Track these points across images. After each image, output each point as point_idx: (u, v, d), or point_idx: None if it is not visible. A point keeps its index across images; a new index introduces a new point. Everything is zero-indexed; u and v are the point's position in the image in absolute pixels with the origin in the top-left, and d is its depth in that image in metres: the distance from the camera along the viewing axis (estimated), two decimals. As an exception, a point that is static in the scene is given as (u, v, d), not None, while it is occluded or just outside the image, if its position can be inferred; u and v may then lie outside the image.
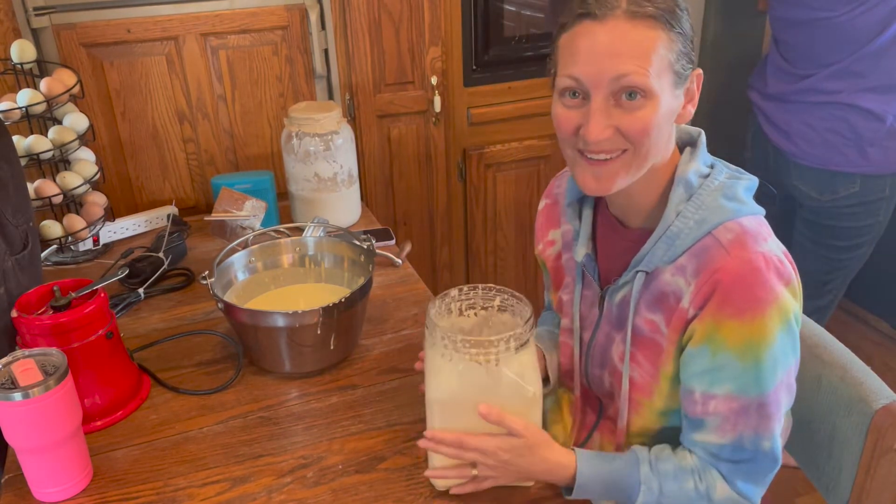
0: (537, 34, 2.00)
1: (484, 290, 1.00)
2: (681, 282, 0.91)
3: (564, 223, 1.09)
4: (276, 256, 1.37)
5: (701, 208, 0.90)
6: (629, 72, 0.84)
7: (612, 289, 1.00)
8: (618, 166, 0.89)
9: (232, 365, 1.26)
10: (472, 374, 0.91)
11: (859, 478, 1.02)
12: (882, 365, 2.29)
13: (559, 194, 1.12)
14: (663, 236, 0.92)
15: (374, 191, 2.00)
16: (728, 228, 0.89)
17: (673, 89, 0.88)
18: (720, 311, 0.87)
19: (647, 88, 0.84)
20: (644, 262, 0.93)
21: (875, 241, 1.79)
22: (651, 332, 0.95)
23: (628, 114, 0.86)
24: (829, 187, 1.72)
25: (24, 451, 0.99)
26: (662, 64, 0.85)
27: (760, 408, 0.90)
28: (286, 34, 1.78)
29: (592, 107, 0.86)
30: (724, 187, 0.92)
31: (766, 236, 0.90)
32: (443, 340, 0.92)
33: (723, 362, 0.88)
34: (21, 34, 1.59)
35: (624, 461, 0.96)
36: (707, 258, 0.88)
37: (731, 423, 0.90)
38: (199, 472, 1.05)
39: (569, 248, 1.08)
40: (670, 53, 0.85)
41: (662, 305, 0.93)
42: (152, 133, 1.78)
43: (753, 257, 0.86)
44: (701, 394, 0.91)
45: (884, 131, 1.63)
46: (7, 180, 1.18)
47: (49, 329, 1.06)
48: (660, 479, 0.93)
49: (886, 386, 1.02)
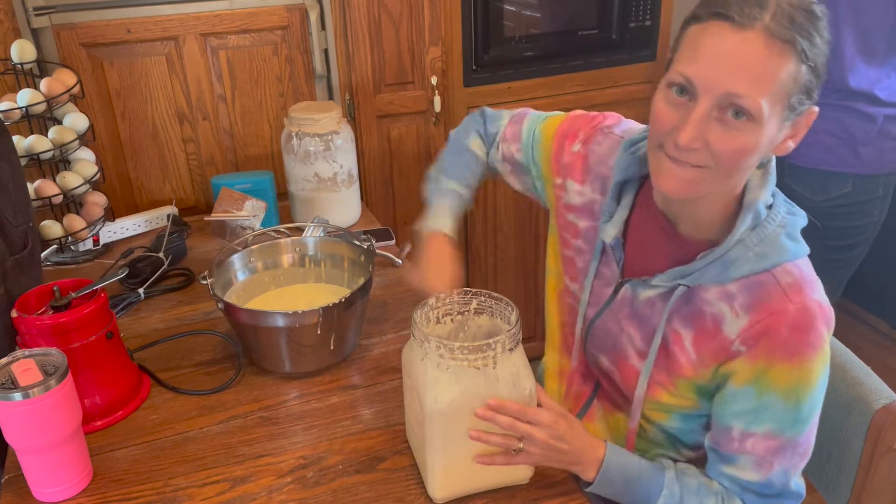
0: (537, 34, 2.00)
1: (460, 294, 1.00)
2: (725, 308, 0.90)
3: (595, 190, 1.05)
4: (276, 256, 1.37)
5: (763, 242, 0.89)
6: (743, 94, 0.78)
7: (639, 284, 0.98)
8: (696, 176, 0.85)
9: (232, 365, 1.26)
10: (470, 381, 0.91)
11: (859, 478, 1.02)
12: (882, 365, 2.29)
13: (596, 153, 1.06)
14: (719, 259, 0.90)
15: (374, 191, 2.00)
16: (787, 271, 0.88)
17: (781, 121, 0.82)
18: (772, 355, 0.87)
19: (756, 113, 0.79)
20: (691, 277, 0.92)
21: (870, 242, 1.80)
22: (674, 344, 0.95)
23: (726, 132, 0.81)
24: (822, 188, 1.72)
25: (24, 451, 0.99)
26: (780, 94, 0.80)
27: (795, 447, 0.91)
28: (286, 34, 1.78)
29: (695, 113, 0.81)
30: (786, 225, 0.91)
31: (818, 282, 0.91)
32: (438, 350, 0.91)
33: (767, 402, 0.89)
34: (21, 34, 1.59)
35: (650, 463, 0.97)
36: (763, 296, 0.88)
37: (767, 461, 0.91)
38: (199, 472, 1.05)
39: (592, 217, 1.05)
40: (793, 85, 0.80)
41: (696, 323, 0.93)
42: (152, 133, 1.78)
43: (811, 305, 0.87)
44: (740, 432, 0.91)
45: (875, 131, 1.63)
46: (7, 180, 1.18)
47: (49, 329, 1.06)
48: (682, 490, 0.94)
49: (886, 386, 1.02)
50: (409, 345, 0.98)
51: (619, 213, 1.01)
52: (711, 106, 0.81)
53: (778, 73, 0.78)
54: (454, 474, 0.97)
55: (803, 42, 0.78)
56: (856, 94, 1.62)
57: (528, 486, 1.01)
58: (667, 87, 0.85)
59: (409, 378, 0.98)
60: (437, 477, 0.97)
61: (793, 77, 0.79)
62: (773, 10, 0.78)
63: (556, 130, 1.13)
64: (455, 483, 0.98)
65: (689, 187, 0.86)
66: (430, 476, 0.98)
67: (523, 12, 1.97)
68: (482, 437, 0.92)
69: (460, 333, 1.02)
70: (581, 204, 1.08)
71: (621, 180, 1.01)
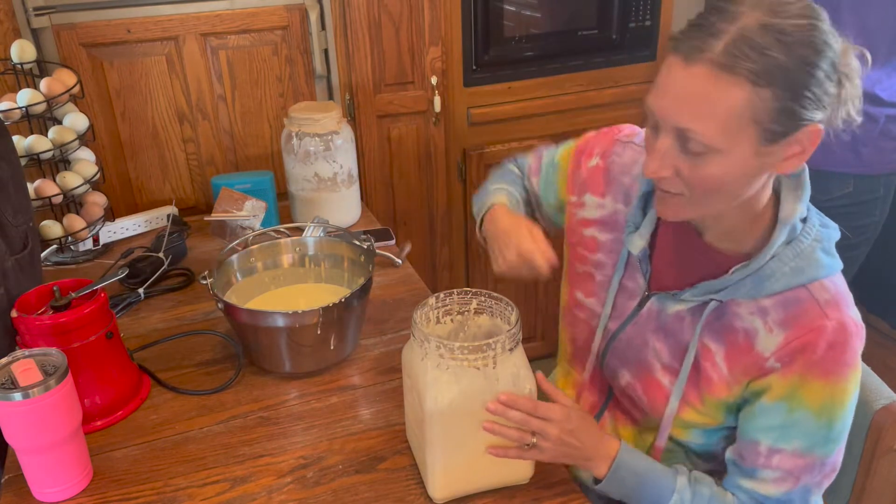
0: (537, 34, 2.00)
1: (460, 294, 1.00)
2: (759, 323, 0.89)
3: (617, 200, 1.04)
4: (276, 256, 1.37)
5: (799, 257, 0.88)
6: (691, 128, 0.79)
7: (667, 296, 0.97)
8: (678, 202, 0.87)
9: (232, 365, 1.26)
10: (470, 381, 0.91)
11: (859, 478, 1.02)
12: (882, 365, 2.28)
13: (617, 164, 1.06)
14: (754, 274, 0.89)
15: (374, 191, 2.00)
16: (824, 287, 0.88)
17: (758, 145, 0.80)
18: (808, 371, 0.86)
19: (712, 145, 0.79)
20: (724, 292, 0.91)
21: (871, 242, 1.80)
22: (704, 359, 0.94)
23: (692, 162, 0.82)
24: (823, 188, 1.71)
25: (24, 451, 0.99)
26: (741, 122, 0.78)
27: (822, 466, 0.90)
28: (286, 34, 1.78)
29: (657, 144, 0.83)
30: (822, 240, 0.90)
31: (851, 298, 0.90)
32: (438, 350, 0.91)
33: (799, 419, 0.88)
34: (21, 34, 1.59)
35: (663, 466, 0.96)
36: (800, 312, 0.87)
37: (792, 478, 0.90)
38: (199, 472, 1.05)
39: (616, 229, 1.04)
40: (758, 112, 0.78)
41: (728, 338, 0.92)
42: (152, 133, 1.78)
43: (848, 323, 0.87)
44: (768, 447, 0.90)
45: (877, 131, 1.63)
46: (7, 180, 1.18)
47: (49, 329, 1.06)
48: (694, 497, 0.93)
49: (886, 386, 1.02)
50: (409, 345, 0.98)
51: (646, 224, 0.99)
52: (673, 138, 0.82)
53: (728, 103, 0.77)
54: (454, 474, 0.97)
55: (761, 67, 0.76)
56: None
57: (528, 486, 1.01)
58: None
59: (409, 378, 0.98)
60: (437, 477, 0.97)
61: (751, 104, 0.77)
62: (729, 39, 0.76)
63: (571, 152, 1.14)
64: (455, 483, 0.98)
65: (675, 212, 0.88)
66: (430, 476, 0.98)
67: (523, 12, 1.97)
68: (497, 429, 0.91)
69: (460, 333, 1.02)
70: (602, 217, 1.06)
71: (648, 190, 1.00)
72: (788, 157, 0.84)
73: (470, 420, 0.92)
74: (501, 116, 2.04)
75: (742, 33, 0.76)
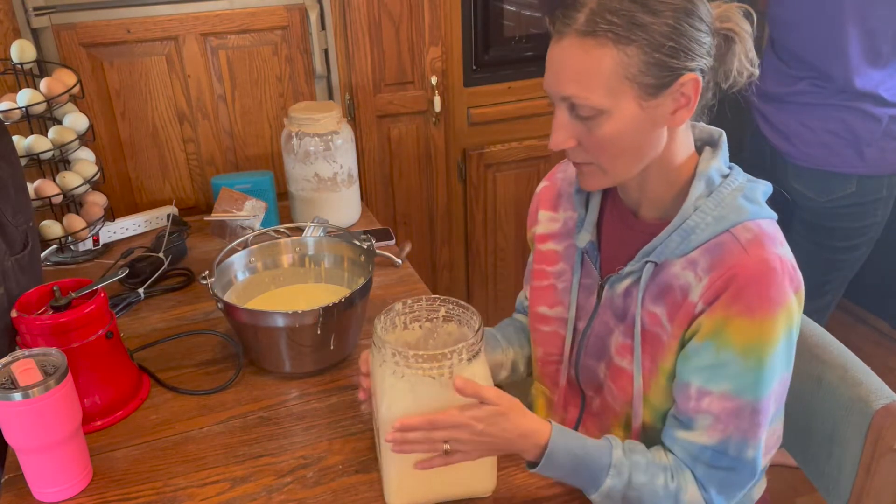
0: (537, 34, 2.00)
1: (428, 301, 0.99)
2: (690, 276, 0.90)
3: (566, 209, 1.08)
4: (276, 256, 1.37)
5: (720, 205, 0.91)
6: (571, 94, 0.86)
7: (615, 278, 0.99)
8: (593, 173, 0.93)
9: (232, 365, 1.26)
10: (425, 390, 0.89)
11: (859, 478, 1.02)
12: (882, 365, 2.29)
13: (562, 180, 1.11)
14: (679, 229, 0.91)
15: (374, 191, 2.00)
16: (747, 228, 0.89)
17: (640, 100, 0.86)
18: (730, 308, 0.87)
19: (596, 106, 0.86)
20: (655, 252, 0.93)
21: (873, 242, 1.80)
22: (652, 325, 0.95)
23: (588, 130, 0.88)
24: (826, 188, 1.72)
25: (24, 451, 0.99)
26: (615, 80, 0.85)
27: (753, 413, 0.89)
28: (286, 34, 1.78)
29: (555, 119, 0.90)
30: (744, 188, 0.92)
31: (782, 240, 0.91)
32: (394, 357, 0.89)
33: (725, 359, 0.88)
34: (21, 34, 1.59)
35: (596, 442, 0.94)
36: (723, 255, 0.88)
37: (722, 423, 0.90)
38: (199, 472, 1.05)
39: (569, 236, 1.07)
40: (625, 69, 0.84)
41: (667, 299, 0.93)
42: (152, 133, 1.78)
43: (771, 258, 0.87)
44: (697, 389, 0.90)
45: (880, 132, 1.63)
46: (7, 180, 1.18)
47: (49, 329, 1.06)
48: (631, 467, 0.92)
49: (886, 386, 1.02)
50: (371, 348, 0.96)
51: (590, 216, 1.03)
52: (565, 109, 0.89)
53: (599, 65, 0.84)
54: (410, 482, 0.95)
55: (622, 29, 0.83)
56: (861, 95, 1.62)
57: (528, 486, 1.01)
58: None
59: (372, 382, 0.97)
60: (392, 484, 0.96)
61: (620, 63, 0.84)
62: (588, 10, 0.84)
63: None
64: (411, 491, 0.96)
65: (594, 181, 0.94)
66: (385, 483, 0.97)
67: (523, 12, 1.98)
68: (406, 449, 0.91)
69: (430, 340, 1.00)
70: (557, 229, 1.09)
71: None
72: (676, 109, 0.89)
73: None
74: (501, 116, 2.05)
75: (599, 1, 0.84)
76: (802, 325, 1.13)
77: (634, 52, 0.84)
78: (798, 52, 1.68)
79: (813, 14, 1.62)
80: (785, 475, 1.84)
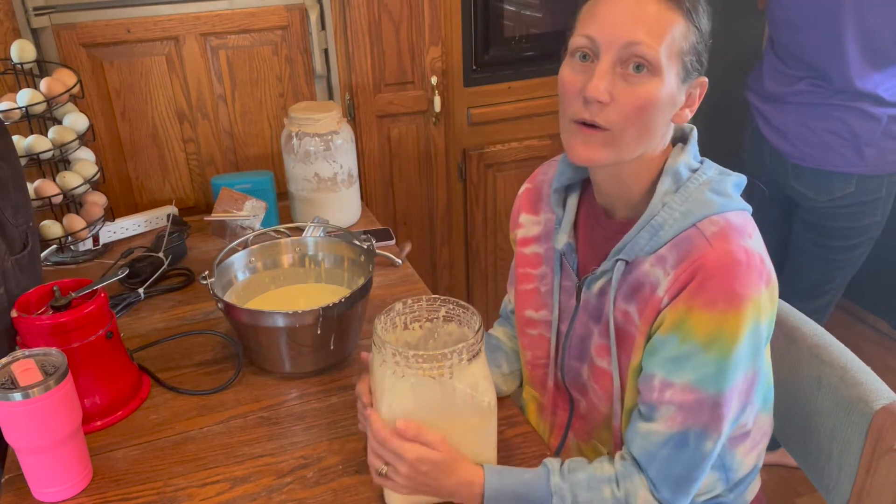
0: (537, 34, 2.00)
1: (428, 301, 0.99)
2: (659, 273, 0.90)
3: (546, 211, 1.08)
4: (276, 256, 1.37)
5: (687, 200, 0.90)
6: (641, 41, 0.85)
7: (590, 278, 0.99)
8: (598, 142, 0.89)
9: (232, 365, 1.26)
10: (425, 390, 0.89)
11: (859, 478, 1.02)
12: (882, 365, 2.29)
13: (543, 181, 1.11)
14: (647, 226, 0.91)
15: (374, 191, 2.00)
16: (713, 222, 0.89)
17: (678, 81, 0.88)
18: (693, 300, 0.86)
19: (655, 63, 0.85)
20: (625, 250, 0.93)
21: (873, 241, 1.80)
22: (625, 323, 0.95)
23: (630, 87, 0.87)
24: (826, 188, 1.72)
25: (24, 451, 0.99)
26: (674, 48, 0.86)
27: (715, 406, 0.89)
28: (286, 34, 1.78)
29: (600, 66, 0.87)
30: (712, 182, 0.92)
31: (751, 232, 0.90)
32: (394, 357, 0.89)
33: (688, 352, 0.87)
34: (21, 34, 1.59)
35: (533, 473, 0.94)
36: (688, 249, 0.88)
37: (683, 413, 0.89)
38: (199, 472, 1.05)
39: (549, 238, 1.07)
40: (684, 42, 0.87)
41: (637, 296, 0.93)
42: (152, 133, 1.78)
43: (735, 250, 0.86)
44: (661, 380, 0.90)
45: (880, 132, 1.64)
46: (7, 180, 1.18)
47: (49, 329, 1.06)
48: (573, 488, 0.92)
49: (886, 386, 1.02)
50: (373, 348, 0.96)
51: (567, 217, 1.03)
52: (614, 60, 0.87)
53: (670, 26, 0.86)
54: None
55: (689, 3, 0.87)
56: (860, 95, 1.62)
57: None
58: (570, 57, 0.91)
59: (372, 383, 0.97)
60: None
61: (683, 35, 0.87)
62: None
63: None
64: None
65: (592, 152, 0.90)
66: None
67: (523, 12, 1.98)
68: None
69: (430, 340, 1.01)
70: (539, 232, 1.09)
71: (560, 186, 1.04)
72: (685, 105, 0.92)
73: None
74: (501, 116, 2.05)
75: None
76: (802, 325, 1.13)
77: (693, 34, 0.88)
78: (797, 52, 1.68)
79: (812, 14, 1.62)
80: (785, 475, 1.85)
